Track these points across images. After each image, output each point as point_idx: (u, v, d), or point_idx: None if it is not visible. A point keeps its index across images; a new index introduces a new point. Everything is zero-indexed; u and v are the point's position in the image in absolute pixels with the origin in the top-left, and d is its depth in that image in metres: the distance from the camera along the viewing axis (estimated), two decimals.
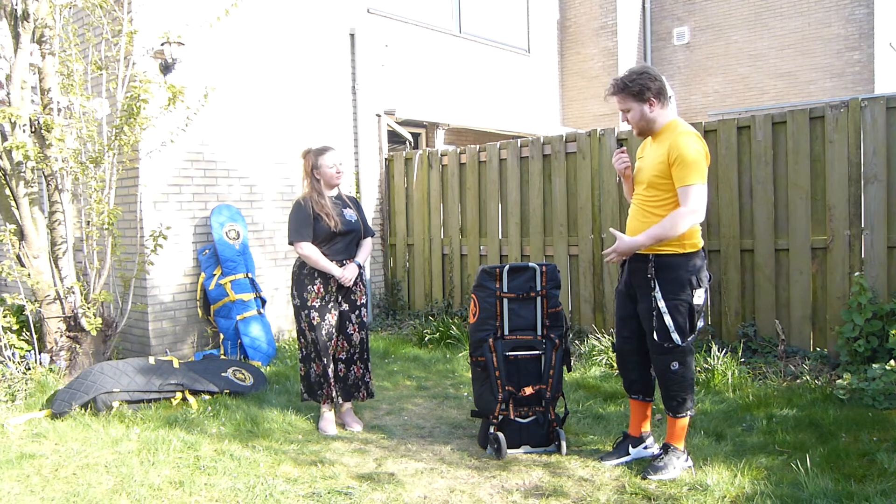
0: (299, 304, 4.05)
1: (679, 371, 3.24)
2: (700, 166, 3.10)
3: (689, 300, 3.21)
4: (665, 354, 3.25)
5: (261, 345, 5.85)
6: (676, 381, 3.26)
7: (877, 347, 4.58)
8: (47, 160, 4.84)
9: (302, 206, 4.04)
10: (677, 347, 3.21)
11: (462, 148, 7.11)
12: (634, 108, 3.24)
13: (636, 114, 3.25)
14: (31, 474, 3.43)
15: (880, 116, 4.75)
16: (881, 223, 4.75)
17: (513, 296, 3.72)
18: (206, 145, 6.13)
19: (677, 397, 3.28)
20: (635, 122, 3.28)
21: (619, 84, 3.26)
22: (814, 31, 10.97)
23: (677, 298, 3.20)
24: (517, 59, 10.44)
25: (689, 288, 3.21)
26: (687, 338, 3.23)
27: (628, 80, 3.22)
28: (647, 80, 3.19)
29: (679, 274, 3.19)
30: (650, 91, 3.19)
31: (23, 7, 4.68)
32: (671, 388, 3.28)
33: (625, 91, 3.23)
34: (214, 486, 3.23)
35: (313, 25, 7.05)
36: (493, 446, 3.61)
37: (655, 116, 3.24)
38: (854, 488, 2.98)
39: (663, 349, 3.24)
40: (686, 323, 3.23)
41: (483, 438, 3.73)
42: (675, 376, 3.25)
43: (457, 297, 7.07)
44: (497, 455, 3.57)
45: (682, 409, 3.30)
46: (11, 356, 4.86)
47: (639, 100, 3.21)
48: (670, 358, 3.24)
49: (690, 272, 3.20)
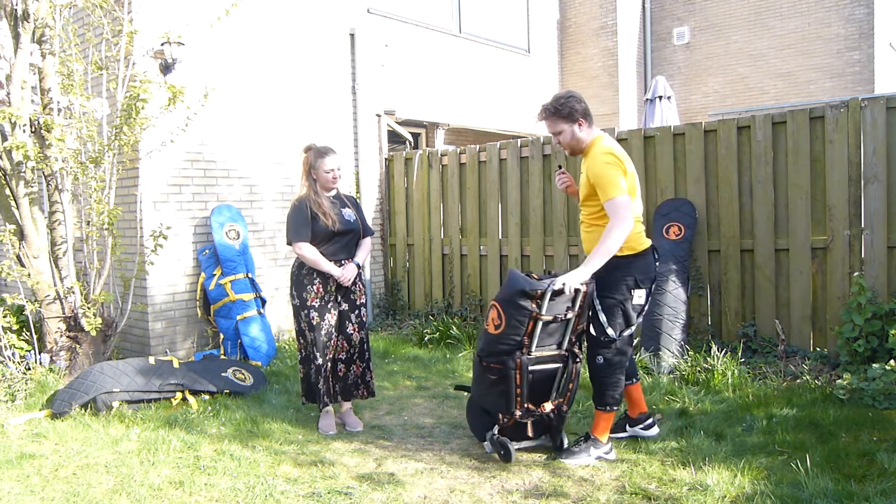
0: (299, 304, 4.05)
1: (603, 365, 3.48)
2: (613, 180, 3.32)
3: (621, 298, 3.43)
4: (593, 347, 3.50)
5: (261, 345, 5.85)
6: (601, 374, 3.49)
7: (877, 347, 4.58)
8: (47, 160, 4.84)
9: (300, 207, 4.04)
10: (608, 341, 3.45)
11: (462, 148, 7.11)
12: (566, 130, 3.49)
13: (567, 135, 3.50)
14: (31, 474, 3.43)
15: (880, 116, 4.75)
16: (881, 223, 4.75)
17: (549, 318, 3.38)
18: (205, 145, 6.13)
19: (601, 390, 3.51)
20: (567, 142, 3.53)
21: (549, 108, 3.50)
22: (814, 31, 10.97)
23: (611, 297, 3.44)
24: (517, 59, 10.44)
25: (626, 288, 3.44)
26: (619, 333, 3.44)
27: (557, 104, 3.47)
28: (575, 103, 3.46)
29: (615, 274, 3.42)
30: (577, 112, 3.46)
31: (23, 7, 4.68)
32: (595, 381, 3.54)
33: (556, 114, 3.48)
34: (214, 486, 3.23)
35: (313, 25, 7.05)
36: (498, 452, 3.55)
37: (584, 136, 3.50)
38: (854, 488, 2.98)
39: (598, 342, 3.47)
40: (620, 319, 3.45)
41: (480, 429, 3.72)
42: (600, 370, 3.49)
43: (457, 297, 7.07)
44: (504, 460, 3.53)
45: (603, 402, 3.52)
46: (11, 356, 4.86)
47: (569, 121, 3.47)
48: (595, 351, 3.49)
49: (627, 273, 3.43)
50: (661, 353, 5.09)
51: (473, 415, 3.80)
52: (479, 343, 3.61)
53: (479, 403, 3.72)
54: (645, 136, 5.78)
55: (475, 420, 3.78)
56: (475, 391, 3.73)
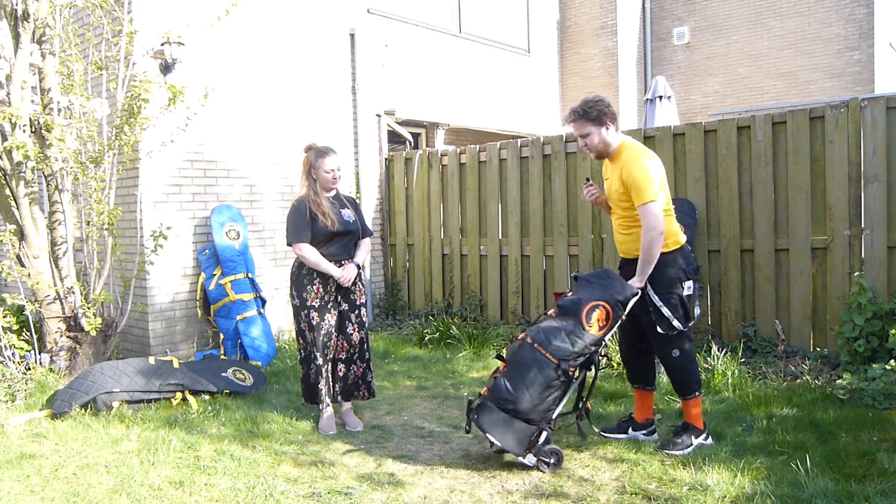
0: (299, 304, 4.05)
1: (680, 357, 3.56)
2: (647, 185, 3.41)
3: (679, 292, 3.54)
4: (667, 344, 3.56)
5: (261, 345, 5.84)
6: (680, 365, 3.58)
7: (877, 347, 4.58)
8: (47, 160, 4.84)
9: (299, 207, 4.04)
10: (679, 334, 3.53)
11: (462, 148, 7.11)
12: (594, 132, 3.54)
13: (595, 137, 3.55)
14: (31, 474, 3.43)
15: (880, 116, 4.75)
16: (881, 223, 4.75)
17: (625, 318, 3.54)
18: (205, 145, 6.13)
19: (684, 381, 3.60)
20: (594, 145, 3.58)
21: (578, 111, 3.56)
22: (814, 31, 10.97)
23: (669, 293, 3.53)
24: (517, 59, 10.44)
25: (679, 282, 3.55)
26: (686, 324, 3.55)
27: (587, 106, 3.54)
28: (604, 107, 3.53)
29: (667, 271, 3.52)
30: (606, 116, 3.52)
31: (23, 7, 4.68)
32: (676, 374, 3.61)
33: (585, 117, 3.54)
34: (214, 486, 3.23)
35: (313, 25, 7.05)
36: (549, 463, 3.36)
37: (611, 140, 3.57)
38: (854, 488, 2.98)
39: (667, 338, 3.54)
40: (681, 312, 3.55)
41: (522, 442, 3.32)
42: (678, 362, 3.57)
43: (457, 298, 7.07)
44: (555, 468, 3.36)
45: (690, 390, 3.61)
46: (11, 356, 4.86)
47: (597, 124, 3.53)
48: (670, 346, 3.55)
49: (678, 268, 3.55)
50: None
51: (509, 429, 3.32)
52: (562, 347, 3.35)
53: (524, 413, 3.32)
54: (645, 136, 5.78)
55: (513, 434, 3.31)
56: (524, 400, 3.31)
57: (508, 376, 3.39)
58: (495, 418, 3.32)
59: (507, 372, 3.42)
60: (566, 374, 3.34)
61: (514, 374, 3.37)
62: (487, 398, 3.40)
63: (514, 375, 3.37)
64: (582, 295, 3.48)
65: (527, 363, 3.37)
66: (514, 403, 3.32)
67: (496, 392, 3.37)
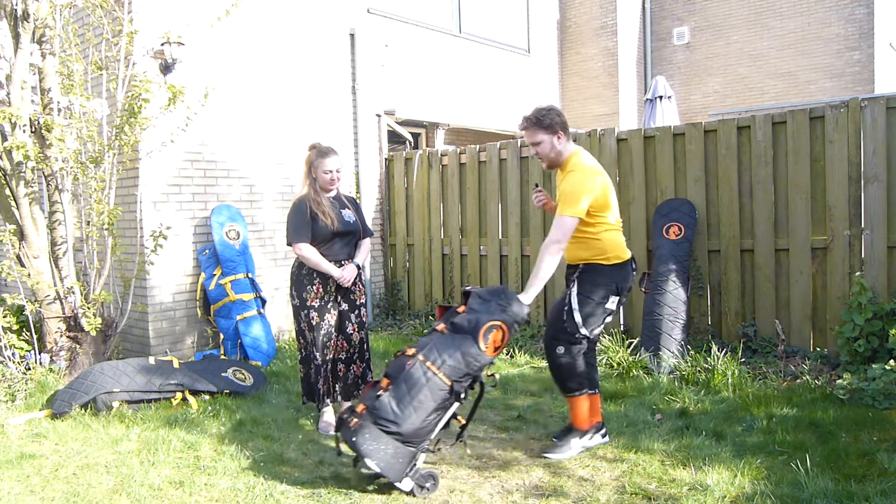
0: (298, 304, 4.05)
1: (564, 354, 3.53)
2: (572, 199, 3.39)
3: (599, 301, 3.51)
4: (559, 337, 3.53)
5: (261, 345, 5.85)
6: (562, 362, 3.54)
7: (877, 347, 4.58)
8: (47, 160, 4.84)
9: (300, 207, 4.04)
10: (580, 338, 3.51)
11: (462, 148, 7.11)
12: (545, 140, 3.54)
13: (546, 146, 3.54)
14: (31, 474, 3.43)
15: (880, 116, 4.75)
16: (881, 223, 4.75)
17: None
18: (205, 145, 6.13)
19: (565, 376, 3.57)
20: (545, 153, 3.57)
21: (531, 119, 3.55)
22: (814, 31, 10.97)
23: (590, 298, 3.51)
24: (517, 59, 10.44)
25: (605, 292, 3.51)
26: (588, 329, 3.50)
27: (539, 114, 3.53)
28: (556, 116, 3.54)
29: (600, 279, 3.52)
30: (558, 125, 3.52)
31: (23, 7, 4.68)
32: (557, 372, 3.59)
33: (538, 125, 3.53)
34: (214, 486, 3.23)
35: (313, 25, 7.05)
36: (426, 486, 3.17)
37: (562, 149, 3.56)
38: (854, 488, 2.98)
39: (565, 333, 3.51)
40: (592, 320, 3.51)
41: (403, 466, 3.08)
42: (561, 358, 3.53)
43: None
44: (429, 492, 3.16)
45: (569, 388, 3.59)
46: (11, 356, 4.86)
47: (550, 132, 3.52)
48: (561, 341, 3.53)
49: (609, 279, 3.52)
50: (661, 353, 5.09)
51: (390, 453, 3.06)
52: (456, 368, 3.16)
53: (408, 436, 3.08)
54: (645, 136, 5.78)
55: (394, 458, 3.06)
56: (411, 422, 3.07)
57: (396, 395, 3.10)
58: (376, 441, 3.03)
59: (394, 391, 3.12)
60: (458, 397, 3.17)
61: (402, 394, 3.09)
62: (367, 418, 3.09)
63: (401, 395, 3.09)
64: (479, 313, 3.25)
65: (418, 383, 3.10)
66: (398, 426, 3.05)
67: (379, 412, 3.08)
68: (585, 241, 3.52)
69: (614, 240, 3.55)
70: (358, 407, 3.20)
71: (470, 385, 3.27)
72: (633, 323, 5.78)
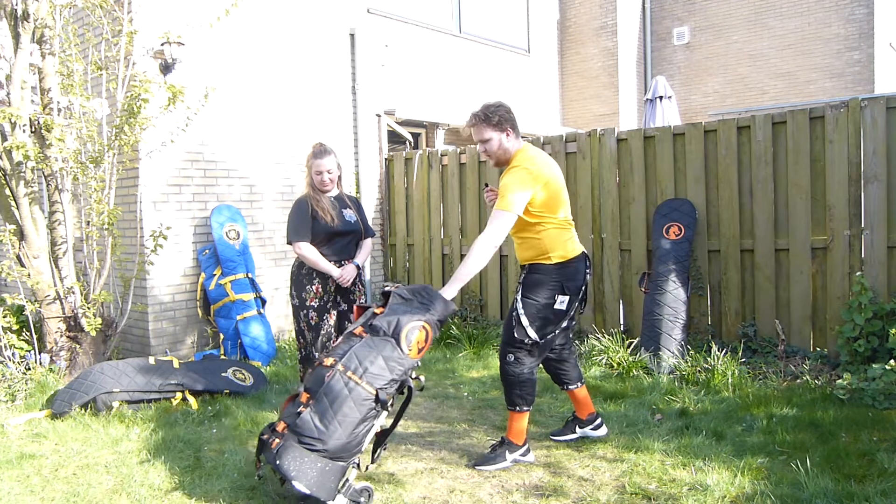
0: (298, 304, 4.05)
1: (514, 363, 3.42)
2: (516, 195, 3.28)
3: (544, 303, 3.39)
4: (509, 345, 3.42)
5: (261, 345, 5.85)
6: (511, 372, 3.43)
7: (877, 347, 4.58)
8: (47, 160, 4.84)
9: (301, 206, 4.04)
10: (530, 343, 3.39)
11: (462, 148, 7.11)
12: (493, 138, 3.44)
13: (494, 143, 3.45)
14: (31, 474, 3.43)
15: (880, 116, 4.75)
16: (881, 223, 4.75)
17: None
18: (206, 145, 6.13)
19: (511, 389, 3.45)
20: (493, 151, 3.48)
21: (479, 115, 3.45)
22: (814, 31, 10.97)
23: (533, 300, 3.40)
24: (517, 59, 10.44)
25: (549, 292, 3.40)
26: (538, 334, 3.38)
27: (488, 111, 3.44)
28: (504, 112, 3.44)
29: (541, 279, 3.42)
30: (507, 122, 3.43)
31: (23, 7, 4.68)
32: (506, 382, 3.46)
33: (486, 122, 3.43)
34: (214, 486, 3.23)
35: (313, 25, 7.05)
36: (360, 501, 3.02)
37: (510, 146, 3.46)
38: (854, 488, 2.98)
39: (514, 341, 3.40)
40: (539, 323, 3.39)
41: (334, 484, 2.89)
42: (511, 368, 3.42)
43: (456, 297, 7.05)
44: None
45: (512, 402, 3.46)
46: (11, 356, 4.87)
47: (498, 129, 3.43)
48: (510, 349, 3.42)
49: (553, 279, 3.41)
50: (661, 352, 5.09)
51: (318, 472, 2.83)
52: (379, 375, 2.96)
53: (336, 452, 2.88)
54: (645, 136, 5.78)
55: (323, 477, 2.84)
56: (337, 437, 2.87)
57: (318, 411, 2.90)
58: (301, 461, 2.82)
59: (316, 405, 2.91)
60: (384, 405, 2.94)
61: (324, 409, 2.90)
62: (290, 437, 2.88)
63: (323, 410, 2.90)
64: (399, 314, 3.06)
65: (340, 395, 2.90)
66: (324, 443, 2.85)
67: (302, 429, 2.87)
68: (528, 240, 3.45)
69: (557, 237, 3.42)
70: (278, 425, 2.95)
71: (398, 390, 3.06)
72: (633, 323, 5.78)
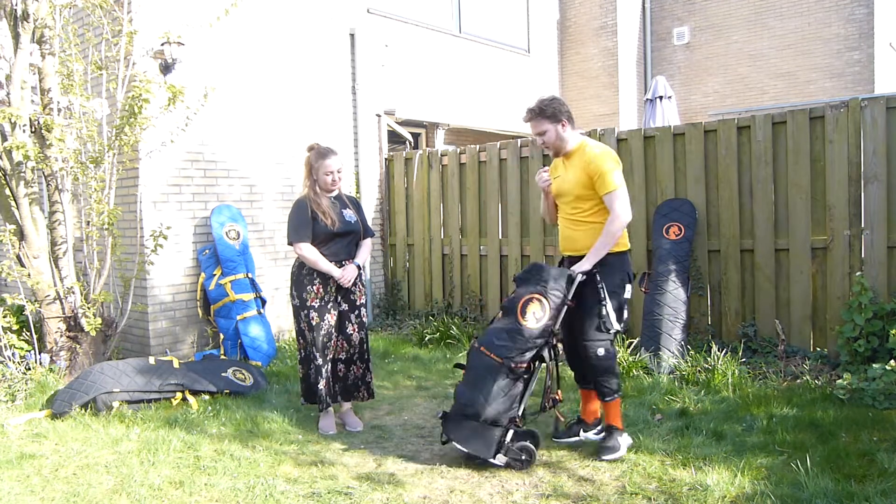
0: (298, 304, 4.05)
1: (605, 356, 3.56)
2: (615, 175, 3.52)
3: (621, 293, 3.59)
4: (595, 339, 3.55)
5: (261, 345, 5.84)
6: (605, 364, 3.57)
7: (877, 347, 4.58)
8: (47, 160, 4.84)
9: (301, 207, 4.04)
10: (613, 333, 3.55)
11: (462, 148, 7.11)
12: (550, 130, 3.63)
13: (552, 134, 3.64)
14: (31, 474, 3.43)
15: (880, 116, 4.75)
16: (881, 223, 4.75)
17: (572, 304, 3.54)
18: (206, 145, 6.13)
19: (608, 379, 3.59)
20: (551, 142, 3.67)
21: (535, 110, 3.65)
22: (814, 31, 10.97)
23: (614, 291, 3.56)
24: (517, 59, 10.44)
25: (622, 283, 3.60)
26: (620, 324, 3.58)
27: (542, 104, 3.63)
28: (560, 105, 3.64)
29: (615, 271, 3.58)
30: (563, 114, 3.62)
31: (23, 7, 4.68)
32: (600, 372, 3.59)
33: (541, 115, 3.63)
34: (214, 486, 3.23)
35: (313, 25, 7.05)
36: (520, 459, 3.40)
37: (567, 136, 3.65)
38: (854, 488, 2.98)
39: (599, 334, 3.54)
40: (618, 315, 3.58)
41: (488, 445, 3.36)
42: (604, 360, 3.56)
43: (457, 297, 7.07)
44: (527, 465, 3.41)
45: (611, 391, 3.61)
46: (11, 356, 4.86)
47: (553, 121, 3.62)
48: (598, 343, 3.55)
49: (623, 269, 3.61)
50: (661, 352, 5.09)
51: (474, 434, 3.38)
52: (504, 346, 3.41)
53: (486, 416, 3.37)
54: (645, 136, 5.78)
55: (478, 438, 3.38)
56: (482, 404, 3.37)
57: (466, 383, 3.50)
58: (459, 426, 3.43)
59: (465, 378, 3.53)
60: (514, 372, 3.40)
61: (470, 380, 3.48)
62: (452, 407, 3.51)
63: (469, 381, 3.48)
64: (519, 292, 3.56)
65: (479, 368, 3.47)
66: (473, 408, 3.40)
67: (457, 400, 3.50)
68: (598, 226, 3.56)
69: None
70: None
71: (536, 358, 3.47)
72: (633, 323, 5.78)
